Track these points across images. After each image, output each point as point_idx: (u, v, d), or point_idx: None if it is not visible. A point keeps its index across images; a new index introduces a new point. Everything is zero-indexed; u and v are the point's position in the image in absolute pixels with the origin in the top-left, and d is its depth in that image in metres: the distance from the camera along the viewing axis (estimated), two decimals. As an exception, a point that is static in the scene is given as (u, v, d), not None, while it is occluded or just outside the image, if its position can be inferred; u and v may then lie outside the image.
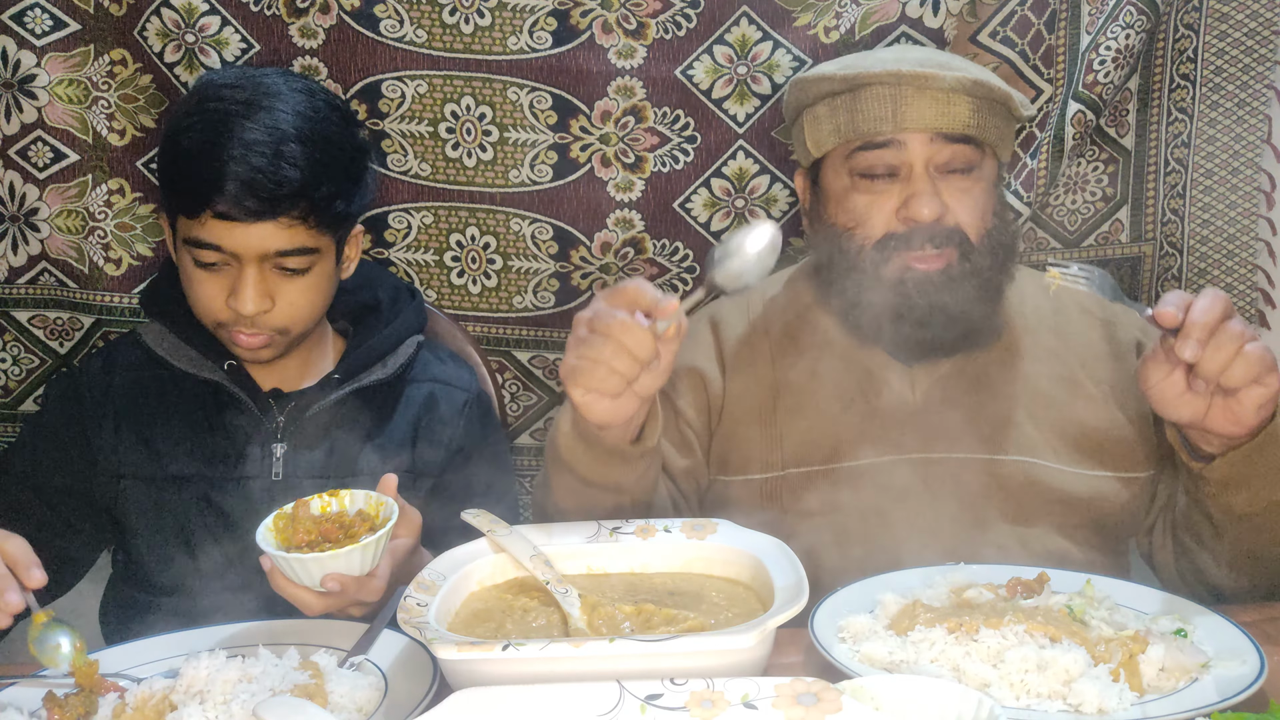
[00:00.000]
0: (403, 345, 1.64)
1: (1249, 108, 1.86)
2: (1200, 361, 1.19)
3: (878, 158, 1.49)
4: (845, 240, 1.51)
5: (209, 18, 1.81)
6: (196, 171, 1.42)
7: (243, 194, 1.40)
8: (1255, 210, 1.89)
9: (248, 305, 1.44)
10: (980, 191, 1.51)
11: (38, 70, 1.85)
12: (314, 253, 1.48)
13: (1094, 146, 1.90)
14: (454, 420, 1.64)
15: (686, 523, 1.29)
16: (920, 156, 1.48)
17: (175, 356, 1.56)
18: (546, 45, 1.83)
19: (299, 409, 1.56)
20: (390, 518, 1.23)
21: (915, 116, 1.47)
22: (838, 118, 1.52)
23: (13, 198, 1.91)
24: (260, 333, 1.48)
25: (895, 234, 1.48)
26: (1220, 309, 1.20)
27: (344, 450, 1.57)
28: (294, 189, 1.42)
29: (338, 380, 1.57)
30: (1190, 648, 1.11)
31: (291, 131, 1.44)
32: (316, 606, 1.23)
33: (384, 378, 1.60)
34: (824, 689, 0.92)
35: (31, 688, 1.12)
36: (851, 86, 1.51)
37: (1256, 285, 1.91)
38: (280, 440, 1.55)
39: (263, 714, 0.94)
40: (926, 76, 1.47)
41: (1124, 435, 1.53)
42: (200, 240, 1.44)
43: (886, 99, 1.48)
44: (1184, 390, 1.24)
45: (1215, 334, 1.19)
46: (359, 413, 1.59)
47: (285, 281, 1.48)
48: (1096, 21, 1.81)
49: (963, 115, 1.48)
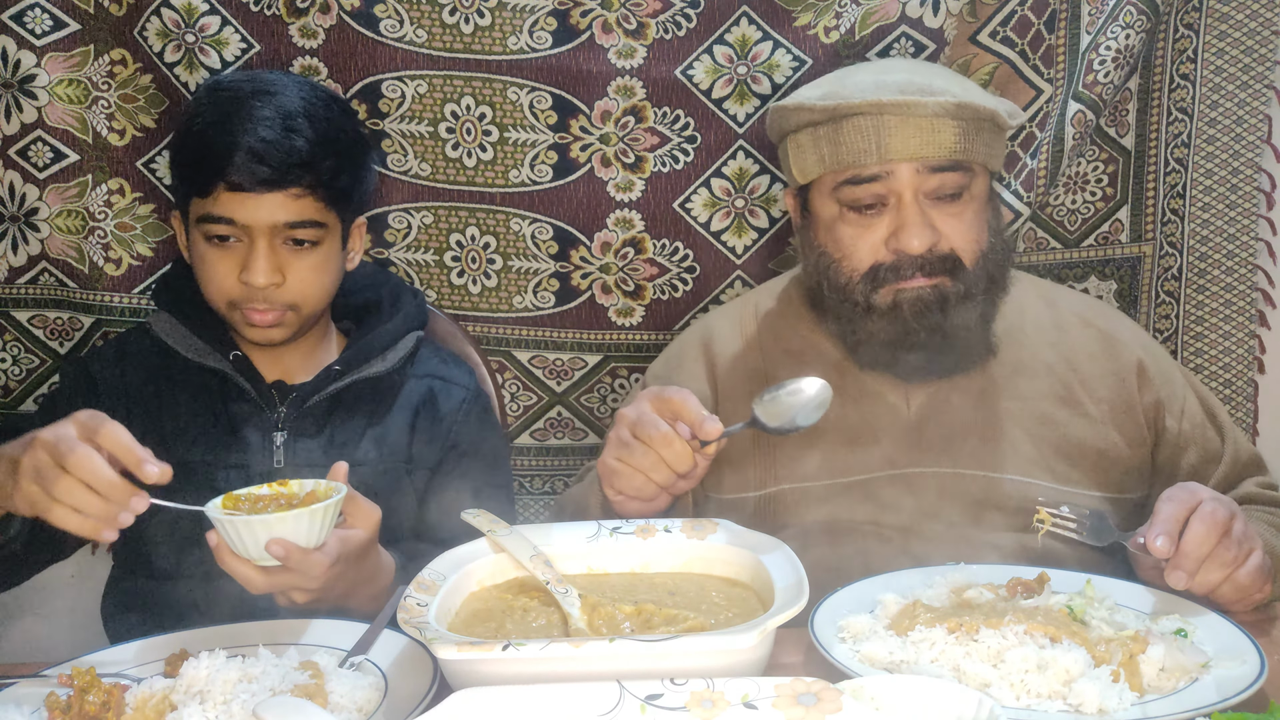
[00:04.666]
0: (403, 340, 1.67)
1: (1249, 108, 1.86)
2: (1191, 587, 1.20)
3: (865, 190, 1.46)
4: (834, 271, 1.50)
5: (209, 18, 1.81)
6: (209, 147, 1.49)
7: (254, 163, 1.47)
8: (1255, 210, 1.89)
9: (259, 277, 1.49)
10: (972, 214, 1.48)
11: (38, 70, 1.85)
12: (321, 227, 1.53)
13: (1094, 146, 1.90)
14: (451, 416, 1.67)
15: (686, 523, 1.29)
16: (909, 186, 1.45)
17: (183, 346, 1.60)
18: (546, 45, 1.83)
19: (300, 399, 1.59)
20: (339, 493, 1.24)
21: (899, 147, 1.43)
22: (821, 148, 1.48)
23: (13, 198, 1.91)
24: (272, 309, 1.53)
25: (884, 264, 1.46)
26: (1214, 540, 1.19)
27: (342, 440, 1.60)
28: (302, 158, 1.49)
29: (338, 372, 1.61)
30: (1190, 648, 1.11)
31: (299, 109, 1.52)
32: (260, 583, 1.22)
33: (384, 370, 1.63)
34: (824, 689, 0.91)
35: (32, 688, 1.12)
36: (832, 117, 1.47)
37: (1256, 285, 1.91)
38: (280, 429, 1.58)
39: (263, 714, 0.94)
40: (908, 105, 1.43)
41: (1120, 456, 1.52)
42: (213, 215, 1.50)
43: (869, 130, 1.44)
44: None
45: (1206, 562, 1.19)
46: (358, 404, 1.62)
47: (295, 257, 1.53)
48: (1096, 21, 1.80)
49: (949, 142, 1.44)
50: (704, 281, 1.93)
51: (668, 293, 1.94)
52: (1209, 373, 1.93)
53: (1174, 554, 1.19)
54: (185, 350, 1.60)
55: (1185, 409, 1.56)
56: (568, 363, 1.99)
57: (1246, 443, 1.61)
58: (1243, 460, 1.57)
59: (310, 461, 1.57)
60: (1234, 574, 1.20)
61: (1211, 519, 1.19)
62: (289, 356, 1.64)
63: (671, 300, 1.94)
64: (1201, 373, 1.93)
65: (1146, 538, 1.19)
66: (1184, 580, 1.19)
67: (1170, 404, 1.55)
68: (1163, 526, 1.19)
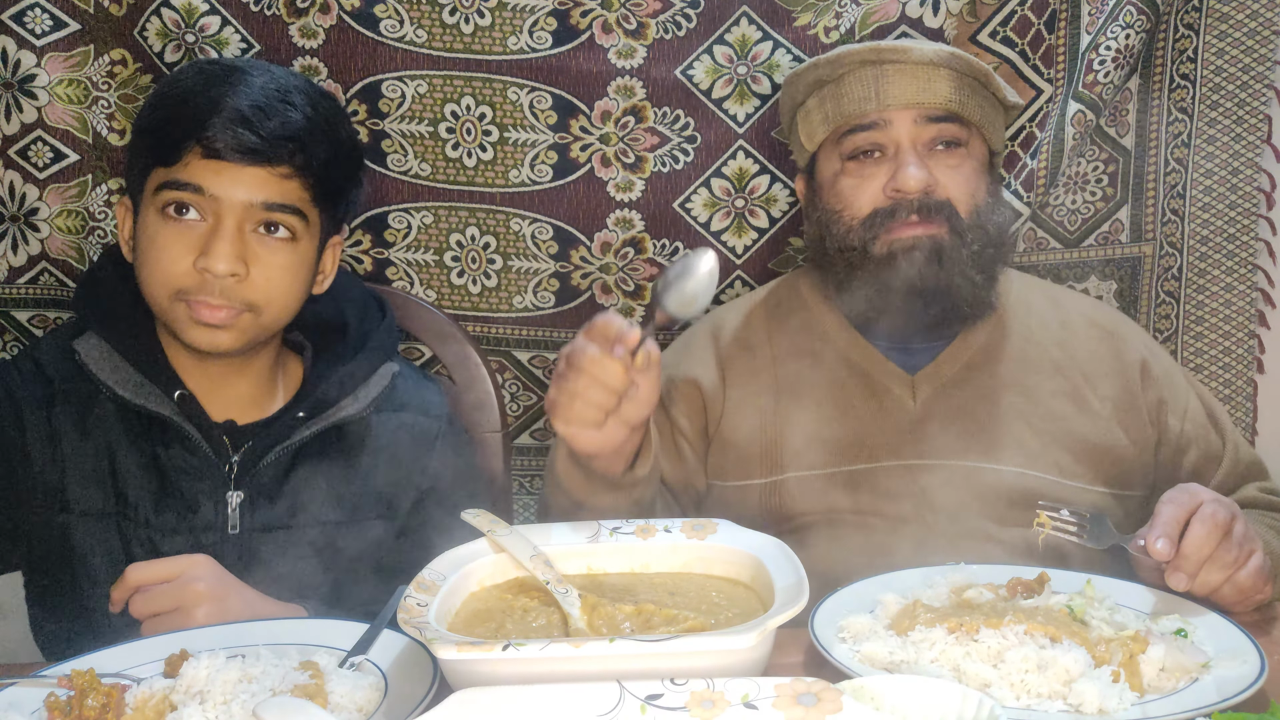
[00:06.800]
0: (375, 376, 1.49)
1: (1249, 108, 1.86)
2: (1191, 589, 1.20)
3: (865, 138, 1.53)
4: (835, 222, 1.54)
5: (209, 18, 1.81)
6: (187, 107, 1.31)
7: (239, 127, 1.29)
8: (1255, 210, 1.89)
9: (219, 263, 1.29)
10: (969, 170, 1.53)
11: (38, 70, 1.85)
12: (302, 219, 1.36)
13: (1094, 146, 1.90)
14: (427, 454, 1.52)
15: (686, 523, 1.29)
16: (906, 134, 1.51)
17: (118, 382, 1.37)
18: (546, 45, 1.83)
19: (255, 451, 1.39)
20: None
21: (898, 93, 1.51)
22: (825, 107, 1.56)
23: (13, 198, 1.91)
24: (226, 305, 1.32)
25: (881, 209, 1.50)
26: (1214, 541, 1.19)
27: (309, 497, 1.42)
28: (295, 132, 1.33)
29: (302, 419, 1.41)
30: (1190, 648, 1.11)
31: (298, 86, 1.38)
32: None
33: (355, 413, 1.45)
34: (824, 689, 0.91)
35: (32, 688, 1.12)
36: (835, 70, 1.54)
37: (1256, 285, 1.91)
38: (235, 488, 1.38)
39: (263, 714, 0.94)
40: (905, 49, 1.52)
41: (1125, 453, 1.53)
42: (178, 181, 1.30)
43: (869, 80, 1.52)
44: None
45: (1206, 564, 1.19)
46: (324, 454, 1.43)
47: (264, 249, 1.34)
48: (1096, 21, 1.80)
49: (944, 90, 1.51)
50: (704, 281, 1.93)
51: (668, 293, 1.94)
52: (1209, 373, 1.93)
53: (1174, 556, 1.19)
54: (118, 387, 1.36)
55: (1188, 409, 1.56)
56: (568, 363, 1.99)
57: (1247, 446, 1.62)
58: (1244, 463, 1.57)
59: (270, 525, 1.40)
60: (1235, 575, 1.20)
61: (1212, 521, 1.19)
62: (238, 387, 1.43)
63: (671, 300, 1.94)
64: (1201, 373, 1.93)
65: (1147, 540, 1.19)
66: (1184, 582, 1.19)
67: (1173, 404, 1.56)
68: (1163, 529, 1.19)
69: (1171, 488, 1.26)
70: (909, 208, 1.48)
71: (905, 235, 1.48)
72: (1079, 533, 1.29)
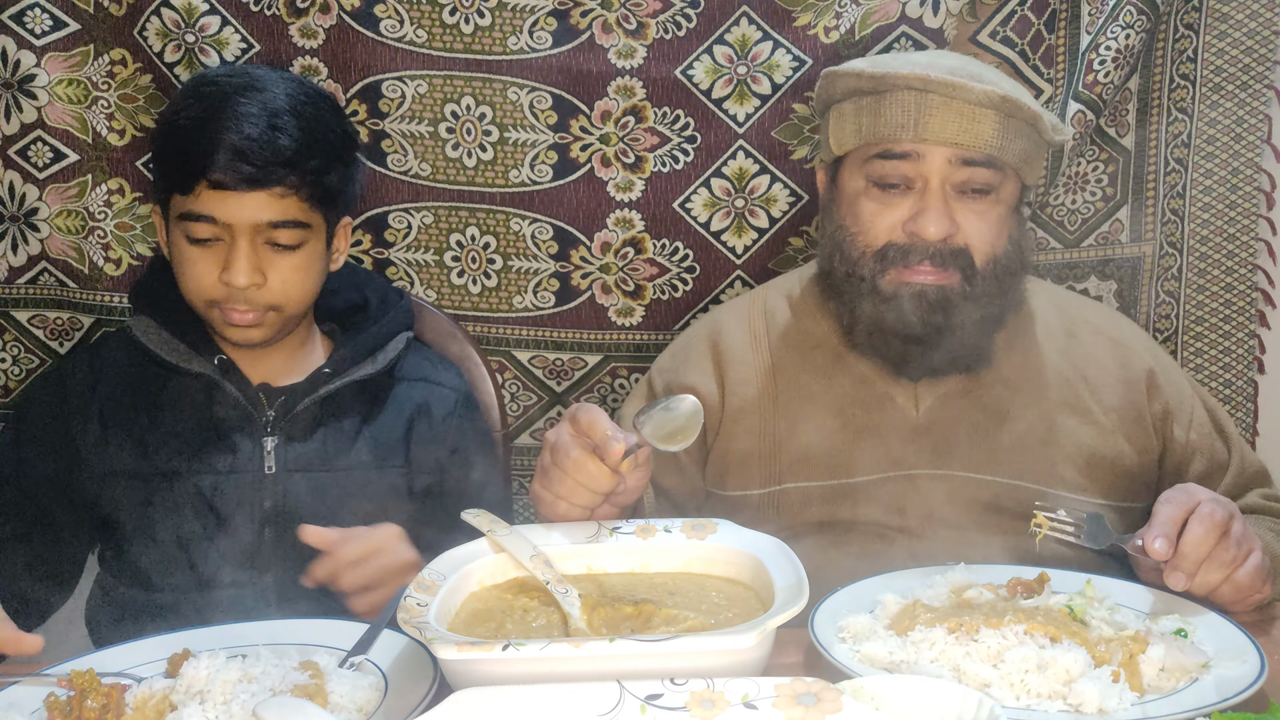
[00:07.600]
0: (392, 341, 1.65)
1: (1249, 108, 1.86)
2: (1190, 588, 1.20)
3: (894, 168, 1.46)
4: (848, 245, 1.49)
5: (209, 18, 1.81)
6: (192, 143, 1.46)
7: (237, 161, 1.44)
8: (1255, 210, 1.89)
9: (240, 277, 1.46)
10: (996, 216, 1.47)
11: (38, 70, 1.85)
12: (305, 228, 1.51)
13: (1094, 146, 1.90)
14: (448, 419, 1.66)
15: (686, 523, 1.29)
16: (937, 173, 1.44)
17: (165, 350, 1.56)
18: (546, 45, 1.83)
19: (289, 403, 1.57)
20: None
21: (937, 129, 1.43)
22: (861, 118, 1.48)
23: (13, 198, 1.91)
24: (252, 309, 1.50)
25: (896, 245, 1.45)
26: (1212, 540, 1.19)
27: (336, 443, 1.58)
28: (287, 157, 1.46)
29: (328, 375, 1.59)
30: (1190, 648, 1.11)
31: (285, 107, 1.49)
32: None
33: (374, 372, 1.61)
34: (824, 689, 0.91)
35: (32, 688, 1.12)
36: (878, 87, 1.46)
37: (1256, 285, 1.91)
38: (271, 434, 1.56)
39: (263, 714, 0.94)
40: (954, 85, 1.41)
41: (1128, 465, 1.52)
42: (194, 213, 1.47)
43: (911, 106, 1.43)
44: None
45: (1205, 563, 1.19)
46: (349, 407, 1.60)
47: (277, 257, 1.50)
48: (1096, 21, 1.81)
49: (986, 133, 1.43)
50: (704, 281, 1.93)
51: (668, 293, 1.94)
52: (1209, 373, 1.93)
53: (1173, 556, 1.19)
54: (167, 354, 1.56)
55: (1194, 419, 1.55)
56: (568, 363, 1.99)
57: (1253, 454, 1.61)
58: (1249, 472, 1.56)
59: (303, 466, 1.56)
60: (1233, 574, 1.20)
61: (1210, 520, 1.19)
62: (273, 358, 1.61)
63: (671, 300, 1.94)
64: (1201, 373, 1.93)
65: (1145, 540, 1.19)
66: (1183, 581, 1.19)
67: (1179, 413, 1.55)
68: (1161, 528, 1.19)
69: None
70: (923, 252, 1.43)
71: (914, 280, 1.44)
72: (1076, 534, 1.29)
